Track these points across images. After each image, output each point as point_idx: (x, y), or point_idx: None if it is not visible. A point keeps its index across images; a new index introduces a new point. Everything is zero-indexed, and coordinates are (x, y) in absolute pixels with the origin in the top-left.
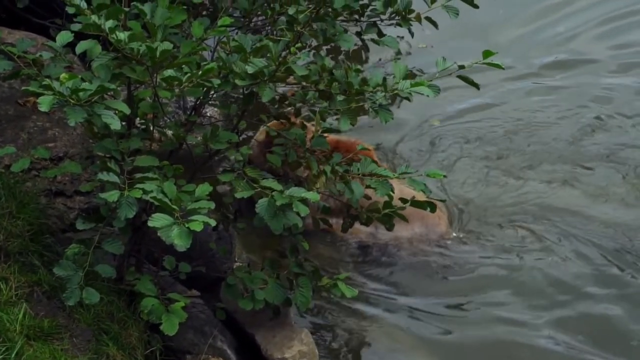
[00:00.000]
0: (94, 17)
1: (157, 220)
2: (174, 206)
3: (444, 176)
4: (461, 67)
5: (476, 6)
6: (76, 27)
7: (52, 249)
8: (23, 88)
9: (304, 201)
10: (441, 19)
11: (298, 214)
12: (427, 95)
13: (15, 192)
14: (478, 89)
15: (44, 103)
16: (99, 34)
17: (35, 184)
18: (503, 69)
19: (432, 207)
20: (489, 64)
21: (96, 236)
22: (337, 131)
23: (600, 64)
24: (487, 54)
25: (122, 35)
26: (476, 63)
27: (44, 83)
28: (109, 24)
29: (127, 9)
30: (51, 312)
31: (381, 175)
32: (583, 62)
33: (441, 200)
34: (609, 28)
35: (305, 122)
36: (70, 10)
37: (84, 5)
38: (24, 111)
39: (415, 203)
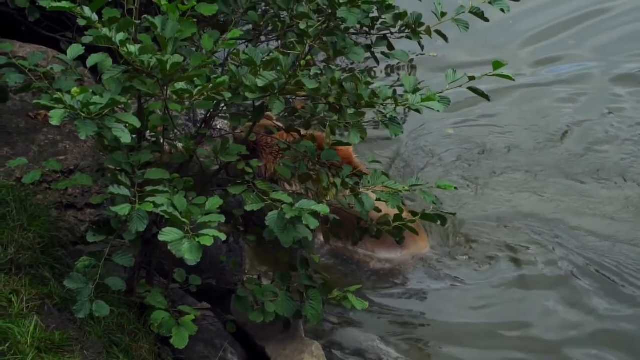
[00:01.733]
0: (105, 30)
1: (168, 235)
2: (184, 220)
3: (455, 188)
4: (471, 78)
5: (486, 19)
6: (87, 39)
7: (63, 261)
8: (34, 101)
9: (314, 214)
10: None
11: (308, 226)
12: (438, 110)
13: (26, 204)
14: (489, 100)
15: (55, 117)
16: (109, 46)
17: (46, 197)
18: (513, 80)
19: (443, 220)
20: (499, 75)
21: (107, 249)
22: (347, 144)
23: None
24: (497, 65)
25: (133, 48)
26: (486, 75)
27: (55, 96)
28: (120, 36)
29: (137, 22)
30: (62, 325)
31: (392, 188)
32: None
33: (451, 214)
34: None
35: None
36: (82, 23)
37: (95, 18)
38: (35, 124)
39: (426, 216)
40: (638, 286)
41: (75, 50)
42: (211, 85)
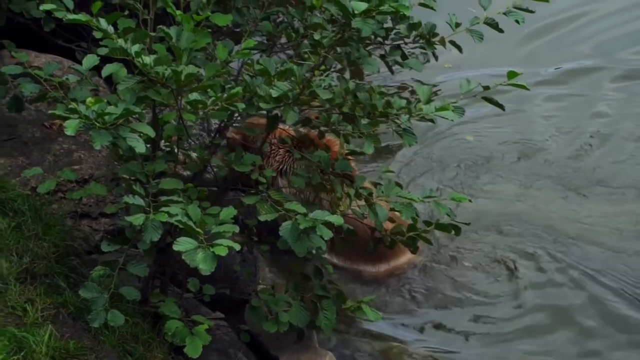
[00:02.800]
0: (121, 41)
1: (182, 244)
2: (198, 229)
3: (470, 200)
4: (485, 88)
5: (501, 30)
6: (103, 51)
7: (78, 270)
8: (49, 111)
9: (327, 224)
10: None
11: (322, 237)
12: (452, 120)
13: (41, 214)
14: (504, 110)
15: (70, 127)
16: (125, 57)
17: (61, 206)
18: (528, 89)
19: (457, 230)
20: (513, 84)
21: (121, 258)
22: (362, 154)
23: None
24: (511, 74)
25: (148, 59)
26: (500, 84)
27: (70, 106)
28: (135, 48)
29: (153, 34)
30: (77, 334)
31: (407, 198)
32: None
33: (466, 224)
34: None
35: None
36: (98, 35)
37: (110, 30)
38: (50, 134)
39: (440, 226)
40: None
41: (90, 60)
42: (225, 95)
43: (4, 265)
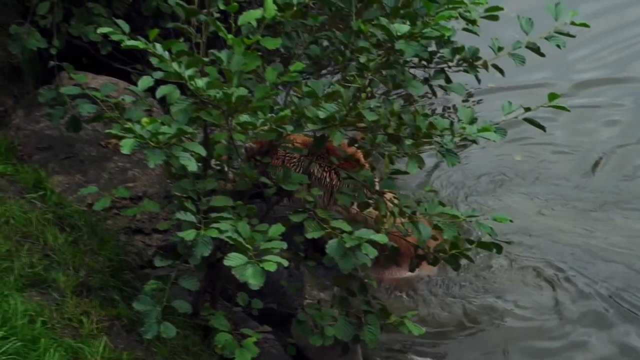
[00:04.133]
0: (175, 66)
1: (232, 260)
2: (247, 245)
3: (510, 221)
4: (527, 109)
5: (542, 54)
6: (158, 75)
7: (131, 284)
8: (106, 131)
9: (372, 243)
10: None
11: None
12: (494, 141)
13: (96, 229)
14: (544, 131)
15: (126, 145)
16: (179, 81)
17: (115, 222)
18: (569, 111)
19: (499, 249)
20: (555, 106)
21: (173, 273)
22: (406, 173)
23: None
24: (552, 96)
25: (201, 83)
26: (542, 106)
27: (125, 126)
28: (189, 72)
29: (206, 59)
30: (130, 345)
31: (449, 214)
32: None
33: (507, 242)
34: None
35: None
36: (154, 61)
37: (166, 55)
38: (106, 152)
39: (482, 244)
40: None
41: (145, 82)
42: (274, 117)
43: (62, 279)
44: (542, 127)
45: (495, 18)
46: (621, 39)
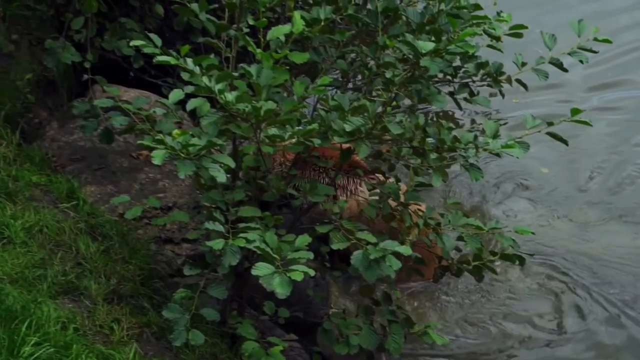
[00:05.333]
0: (205, 80)
1: (260, 269)
2: (275, 255)
3: (532, 233)
4: (550, 124)
5: (565, 70)
6: (189, 89)
7: (161, 292)
8: (138, 142)
9: (396, 254)
10: None
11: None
12: (517, 157)
13: (127, 238)
14: (567, 145)
15: (157, 156)
16: (209, 95)
17: (146, 232)
18: (591, 125)
19: (522, 261)
20: (577, 121)
21: (202, 281)
22: (430, 186)
23: None
24: (574, 111)
25: (230, 97)
26: (564, 120)
27: (157, 138)
28: (219, 86)
29: (235, 74)
30: (159, 352)
31: (474, 225)
32: None
33: (530, 255)
34: None
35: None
36: (185, 75)
37: (197, 70)
38: (137, 163)
39: (505, 256)
40: None
41: (176, 95)
42: (302, 130)
43: (93, 287)
44: (565, 142)
45: (519, 36)
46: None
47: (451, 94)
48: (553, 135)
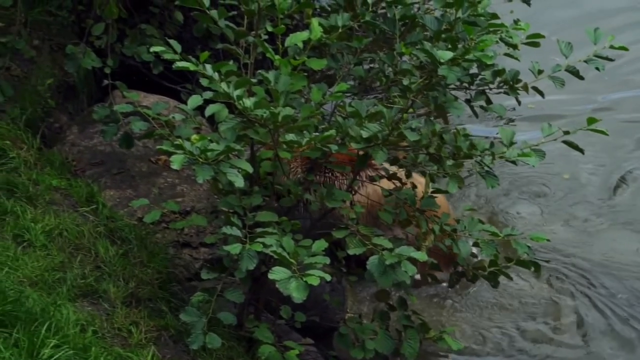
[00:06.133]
0: (224, 86)
1: (277, 273)
2: (292, 260)
3: (548, 240)
4: (566, 132)
5: (582, 77)
6: (208, 95)
7: (179, 296)
8: (157, 147)
9: (412, 260)
10: None
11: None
12: (533, 166)
13: (146, 242)
14: (583, 153)
15: (176, 161)
16: (227, 101)
17: (164, 236)
18: (607, 135)
19: (537, 267)
20: (593, 130)
21: (219, 285)
22: (446, 192)
23: None
24: (591, 120)
25: (249, 103)
26: (580, 129)
27: (175, 143)
28: (237, 92)
29: (253, 80)
30: (177, 355)
31: (489, 231)
32: None
33: (545, 261)
34: None
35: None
36: (204, 81)
37: (216, 76)
38: (156, 168)
39: (521, 263)
40: None
41: (194, 100)
42: (319, 136)
43: (112, 290)
44: (581, 150)
45: (536, 45)
46: None
47: (467, 101)
48: (569, 144)
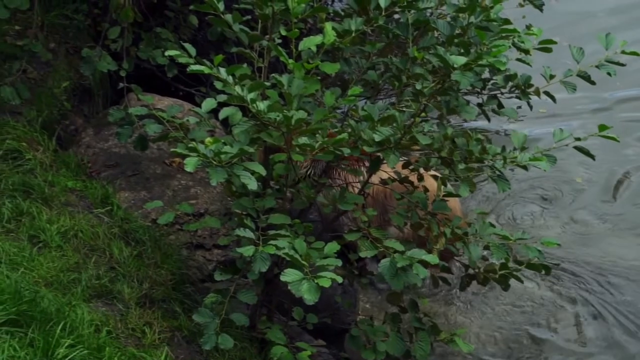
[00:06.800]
0: (238, 89)
1: (289, 275)
2: (304, 262)
3: (558, 244)
4: (577, 139)
5: (593, 82)
6: (222, 98)
7: (192, 297)
8: (171, 150)
9: (423, 263)
10: None
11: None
12: (545, 170)
13: (160, 244)
14: (594, 159)
15: (190, 164)
16: (241, 104)
17: (178, 237)
18: (618, 141)
19: (547, 270)
20: (604, 136)
21: (232, 287)
22: (458, 195)
23: None
24: (602, 127)
25: (262, 106)
26: (592, 135)
27: (189, 146)
28: (251, 95)
29: (267, 83)
30: (190, 356)
31: (500, 235)
32: None
33: (555, 265)
34: None
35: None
36: (218, 84)
37: (230, 79)
38: (170, 170)
39: (531, 266)
40: None
41: (209, 103)
42: (332, 140)
43: (126, 290)
44: (592, 156)
45: (548, 50)
46: None
47: (479, 105)
48: (580, 150)
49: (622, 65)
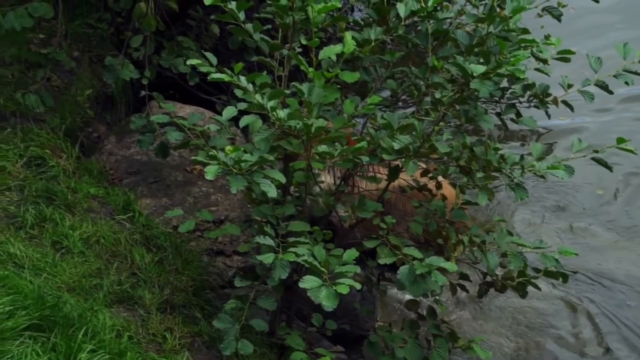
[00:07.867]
0: (258, 97)
1: (308, 282)
2: (323, 269)
3: (576, 254)
4: (595, 151)
5: (611, 92)
6: (242, 106)
7: (212, 303)
8: (192, 157)
9: (442, 270)
10: None
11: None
12: (562, 178)
13: (181, 250)
14: (611, 171)
15: (210, 172)
16: (261, 112)
17: (198, 244)
18: (636, 154)
19: (565, 277)
20: (622, 148)
21: (252, 293)
22: (476, 204)
23: None
24: (620, 140)
25: (282, 114)
26: (609, 147)
27: (210, 153)
28: (271, 103)
29: (287, 91)
30: None
31: (518, 243)
32: None
33: (573, 272)
34: None
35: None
36: (238, 92)
37: (250, 87)
38: (191, 178)
39: (549, 273)
40: None
41: (229, 111)
42: (351, 148)
43: (147, 296)
44: (610, 168)
45: (567, 60)
46: None
47: (498, 114)
48: (598, 161)
49: (639, 74)
